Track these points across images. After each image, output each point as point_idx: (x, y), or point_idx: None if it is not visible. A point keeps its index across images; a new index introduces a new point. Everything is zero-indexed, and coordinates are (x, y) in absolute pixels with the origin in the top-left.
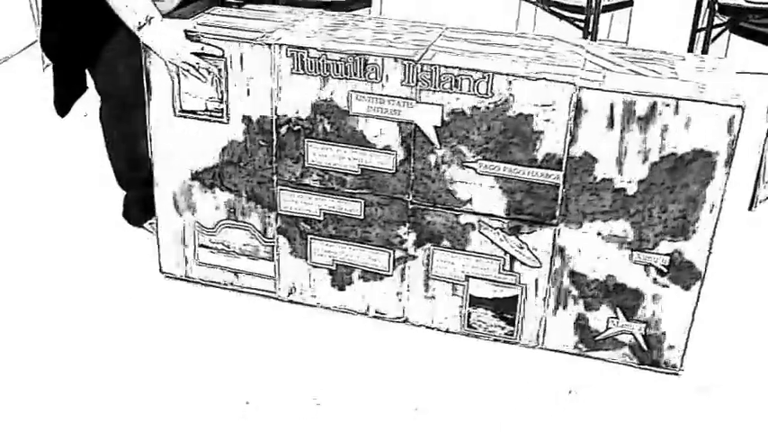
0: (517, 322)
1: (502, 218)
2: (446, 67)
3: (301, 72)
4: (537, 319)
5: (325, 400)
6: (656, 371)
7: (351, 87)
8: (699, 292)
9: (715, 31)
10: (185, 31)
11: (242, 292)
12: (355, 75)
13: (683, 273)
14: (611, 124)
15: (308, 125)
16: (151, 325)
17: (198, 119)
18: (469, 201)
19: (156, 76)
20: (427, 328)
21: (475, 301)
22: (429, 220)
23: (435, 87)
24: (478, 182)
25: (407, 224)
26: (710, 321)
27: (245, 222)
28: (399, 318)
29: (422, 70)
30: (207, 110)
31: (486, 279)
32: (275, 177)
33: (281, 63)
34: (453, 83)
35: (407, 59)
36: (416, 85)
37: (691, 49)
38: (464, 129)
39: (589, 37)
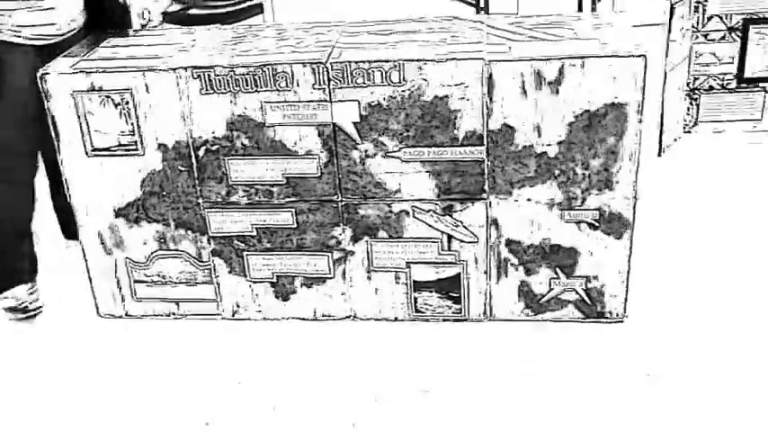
0: (463, 299)
1: (433, 200)
2: (356, 62)
3: (210, 91)
4: (481, 293)
5: (284, 407)
6: (601, 322)
7: (263, 99)
8: (631, 240)
9: None
10: None
11: (186, 318)
12: (266, 86)
13: (613, 223)
14: (524, 92)
15: (225, 143)
16: (98, 366)
17: (112, 155)
18: (399, 190)
19: (61, 119)
20: (376, 320)
21: (419, 286)
22: (363, 214)
23: (348, 84)
24: (405, 170)
25: (341, 224)
26: (646, 266)
27: (177, 250)
28: (348, 316)
29: (332, 69)
30: (120, 144)
31: (427, 262)
32: (201, 200)
33: (188, 85)
34: (366, 77)
35: (316, 62)
36: (329, 85)
37: (580, 9)
38: (383, 120)
39: (482, 12)
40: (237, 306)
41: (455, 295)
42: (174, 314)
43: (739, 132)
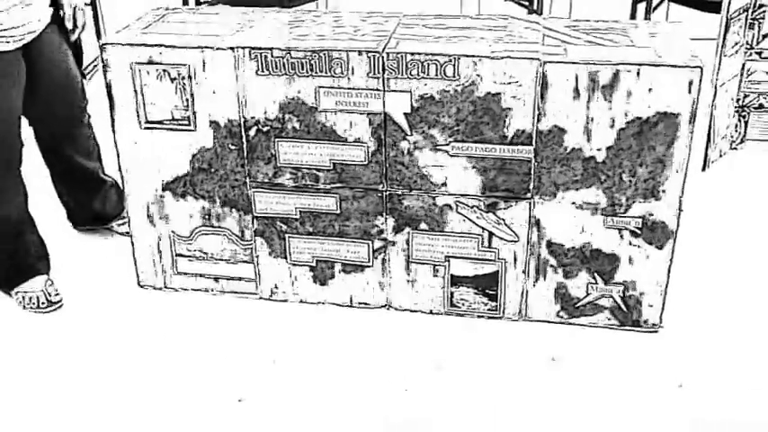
0: (499, 297)
1: (478, 196)
2: (412, 54)
3: (266, 73)
4: (518, 293)
5: (315, 388)
6: (636, 330)
7: (317, 84)
8: (672, 251)
9: (655, 1)
10: None
11: (224, 295)
12: (321, 71)
13: (655, 233)
14: (576, 95)
15: (276, 125)
16: (136, 336)
17: (165, 129)
18: (444, 183)
19: (118, 89)
20: (411, 312)
21: (456, 281)
22: (406, 204)
23: (402, 75)
24: (452, 164)
25: (384, 214)
26: (685, 278)
27: (221, 228)
28: (384, 305)
29: (388, 59)
30: (173, 119)
31: (466, 258)
32: (248, 180)
33: (244, 66)
34: (420, 69)
35: (372, 51)
36: (383, 74)
37: (633, 17)
38: (434, 113)
39: (535, 13)
40: (276, 287)
41: (491, 293)
42: (212, 290)
43: None
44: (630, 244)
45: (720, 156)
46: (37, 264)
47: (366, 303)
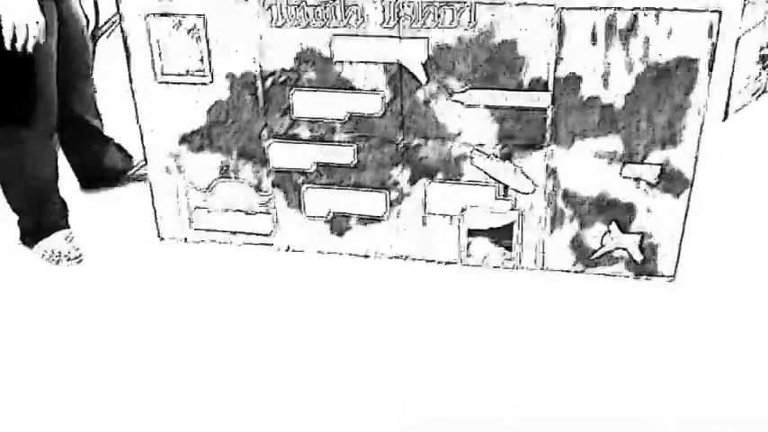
0: (515, 247)
1: (494, 145)
2: (427, 1)
3: (281, 23)
4: (534, 243)
5: (334, 340)
6: (651, 280)
7: (332, 33)
8: (688, 200)
9: None
10: None
11: (242, 246)
12: (336, 20)
13: (672, 181)
14: (593, 41)
15: (292, 76)
16: (155, 287)
17: (181, 83)
18: (460, 133)
19: (133, 42)
20: (427, 262)
21: (473, 232)
22: (422, 155)
23: (418, 23)
24: (468, 113)
25: (401, 164)
26: (700, 228)
27: (238, 180)
28: (399, 256)
29: (403, 7)
30: (189, 71)
31: (483, 208)
32: (264, 132)
33: (260, 17)
34: (436, 16)
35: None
36: (398, 23)
37: None
38: (450, 61)
39: None
40: (292, 238)
41: (508, 243)
42: (231, 242)
43: None
44: (647, 193)
45: (743, 106)
46: (60, 220)
47: (382, 254)
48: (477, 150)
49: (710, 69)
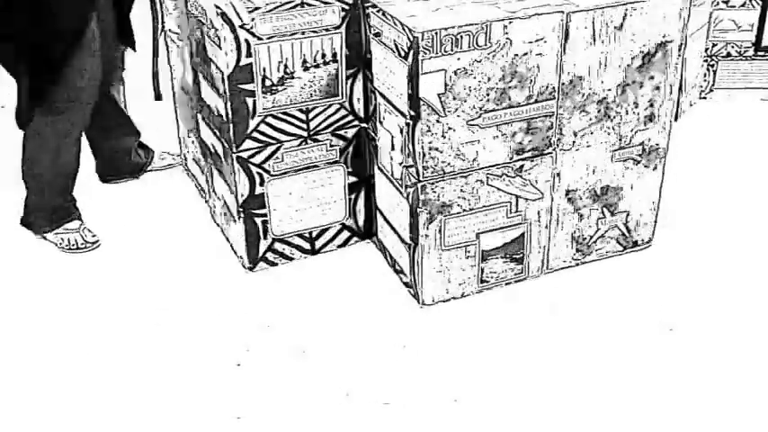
0: (525, 258)
1: (507, 163)
2: (445, 29)
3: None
4: (540, 248)
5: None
6: (633, 251)
7: None
8: (663, 169)
9: None
10: None
11: None
12: None
13: (651, 155)
14: (593, 41)
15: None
16: (170, 274)
17: None
18: (476, 159)
19: None
20: (443, 302)
21: (486, 255)
22: (439, 192)
23: (437, 52)
24: (482, 136)
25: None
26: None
27: None
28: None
29: (422, 39)
30: None
31: (495, 229)
32: None
33: None
34: (453, 43)
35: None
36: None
37: None
38: (466, 87)
39: None
40: None
41: (518, 257)
42: None
43: (755, 100)
44: (632, 171)
45: (690, 105)
46: (73, 208)
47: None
48: (492, 174)
49: (681, 48)
